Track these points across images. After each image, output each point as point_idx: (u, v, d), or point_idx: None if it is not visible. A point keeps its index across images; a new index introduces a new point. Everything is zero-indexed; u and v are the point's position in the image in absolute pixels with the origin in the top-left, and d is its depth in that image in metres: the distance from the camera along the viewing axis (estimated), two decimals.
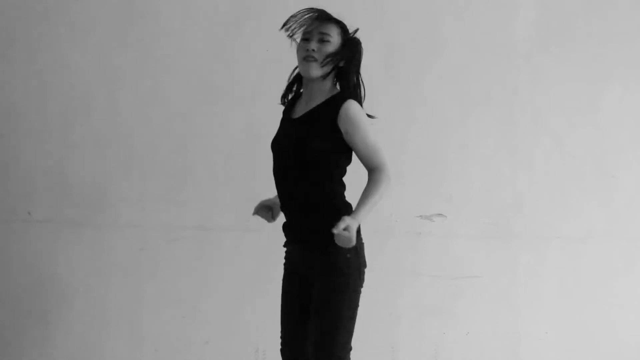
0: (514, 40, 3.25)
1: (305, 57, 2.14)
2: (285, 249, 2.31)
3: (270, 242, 3.22)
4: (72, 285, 3.28)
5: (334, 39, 2.15)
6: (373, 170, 2.10)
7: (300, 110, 2.20)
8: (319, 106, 2.13)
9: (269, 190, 2.39)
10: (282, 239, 2.32)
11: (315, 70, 2.13)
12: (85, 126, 3.28)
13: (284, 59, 3.27)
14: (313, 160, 2.09)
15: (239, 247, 3.25)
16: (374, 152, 2.10)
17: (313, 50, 2.12)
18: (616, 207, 3.25)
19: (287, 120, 2.25)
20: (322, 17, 2.18)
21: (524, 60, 3.26)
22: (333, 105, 2.10)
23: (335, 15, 2.23)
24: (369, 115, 2.16)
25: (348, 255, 2.07)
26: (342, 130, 2.09)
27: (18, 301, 3.30)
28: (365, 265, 2.16)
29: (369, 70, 3.24)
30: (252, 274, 3.26)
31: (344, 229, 1.94)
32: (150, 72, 3.27)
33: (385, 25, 3.26)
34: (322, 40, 2.14)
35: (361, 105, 2.17)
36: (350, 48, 2.19)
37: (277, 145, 2.21)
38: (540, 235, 3.25)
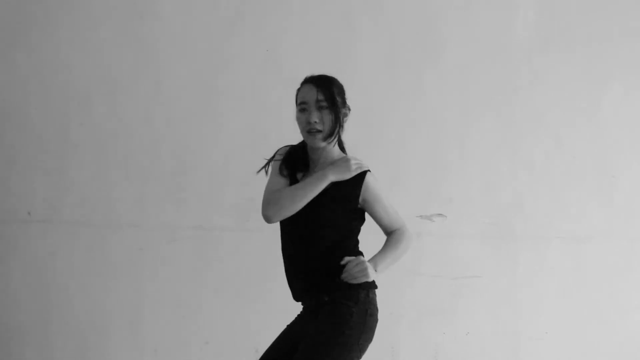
0: (514, 40, 3.26)
1: (309, 130, 2.07)
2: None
3: (270, 242, 3.23)
4: (72, 285, 3.28)
5: (333, 103, 2.07)
6: (398, 230, 2.18)
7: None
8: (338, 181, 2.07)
9: None
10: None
11: (322, 142, 2.08)
12: (85, 126, 3.28)
13: (284, 59, 3.29)
14: (329, 234, 2.05)
15: (239, 247, 3.25)
16: (394, 217, 2.17)
17: (315, 122, 2.05)
18: (616, 207, 3.26)
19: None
20: (314, 83, 2.09)
21: (524, 60, 3.26)
22: (356, 180, 2.06)
23: (327, 74, 2.15)
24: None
25: (353, 310, 2.01)
26: (362, 200, 2.08)
27: (18, 301, 3.30)
28: (368, 339, 2.06)
29: (370, 70, 3.26)
30: (252, 274, 3.26)
31: (357, 264, 2.00)
32: (150, 72, 3.27)
33: (386, 25, 3.26)
34: (321, 107, 2.06)
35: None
36: (346, 106, 2.14)
37: (291, 217, 2.10)
38: (540, 235, 3.25)
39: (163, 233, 3.26)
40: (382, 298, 2.19)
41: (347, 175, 2.04)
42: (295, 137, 2.20)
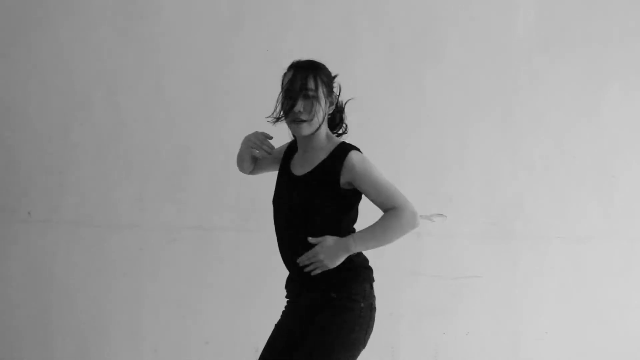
0: (514, 40, 3.26)
1: (293, 120, 2.00)
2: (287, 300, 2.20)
3: (270, 242, 3.22)
4: (72, 285, 3.28)
5: (319, 91, 2.01)
6: (392, 211, 1.99)
7: (299, 165, 2.10)
8: (321, 164, 2.03)
9: (269, 190, 2.39)
10: None
11: (307, 130, 2.02)
12: (85, 126, 3.28)
13: (284, 59, 3.28)
14: (319, 220, 2.00)
15: (239, 247, 3.25)
16: (388, 195, 1.99)
17: (300, 111, 1.98)
18: (616, 207, 3.26)
19: (287, 175, 2.13)
20: (299, 70, 2.02)
21: (523, 61, 3.26)
22: (337, 162, 2.00)
23: (314, 60, 2.09)
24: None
25: (362, 305, 2.00)
26: (348, 182, 1.99)
27: (18, 301, 3.30)
28: (372, 330, 2.06)
29: (370, 70, 3.26)
30: (252, 274, 3.26)
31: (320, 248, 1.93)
32: (150, 72, 3.27)
33: (386, 25, 3.26)
34: (307, 96, 1.99)
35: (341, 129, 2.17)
36: (333, 94, 2.08)
37: (281, 203, 2.11)
38: (540, 235, 3.25)
39: (163, 233, 3.26)
40: (382, 298, 2.19)
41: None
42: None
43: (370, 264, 2.14)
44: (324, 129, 2.09)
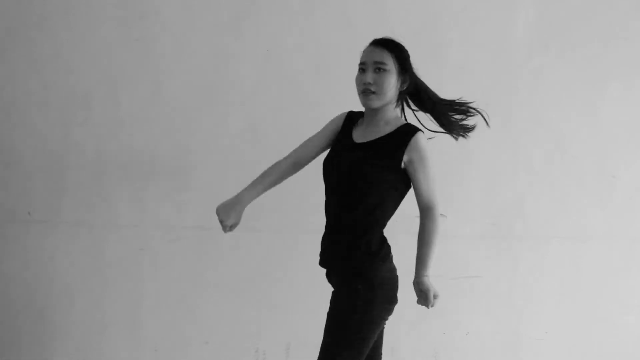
0: (514, 40, 3.26)
1: (363, 90, 2.12)
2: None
3: (270, 242, 3.24)
4: (72, 285, 3.28)
5: (390, 67, 2.13)
6: (426, 212, 2.20)
7: (361, 135, 2.18)
8: (387, 136, 2.12)
9: (269, 190, 2.39)
10: (281, 239, 2.31)
11: (376, 102, 2.12)
12: (85, 126, 3.28)
13: (284, 59, 3.28)
14: (370, 185, 2.08)
15: (239, 247, 3.25)
16: (433, 189, 2.17)
17: (369, 83, 2.10)
18: (616, 207, 3.26)
19: (347, 140, 2.20)
20: (376, 45, 2.16)
21: (524, 61, 3.26)
22: (405, 137, 2.10)
23: (393, 38, 2.22)
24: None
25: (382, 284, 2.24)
26: (407, 160, 2.10)
27: (18, 301, 3.30)
28: (394, 301, 2.29)
29: None
30: (252, 274, 3.26)
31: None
32: (150, 71, 3.27)
33: (386, 25, 3.25)
34: (379, 69, 2.11)
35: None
36: (409, 72, 2.19)
37: (333, 165, 2.17)
38: (540, 235, 3.25)
39: (163, 233, 3.26)
40: None
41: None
42: (297, 135, 2.20)
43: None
44: (393, 105, 2.18)
